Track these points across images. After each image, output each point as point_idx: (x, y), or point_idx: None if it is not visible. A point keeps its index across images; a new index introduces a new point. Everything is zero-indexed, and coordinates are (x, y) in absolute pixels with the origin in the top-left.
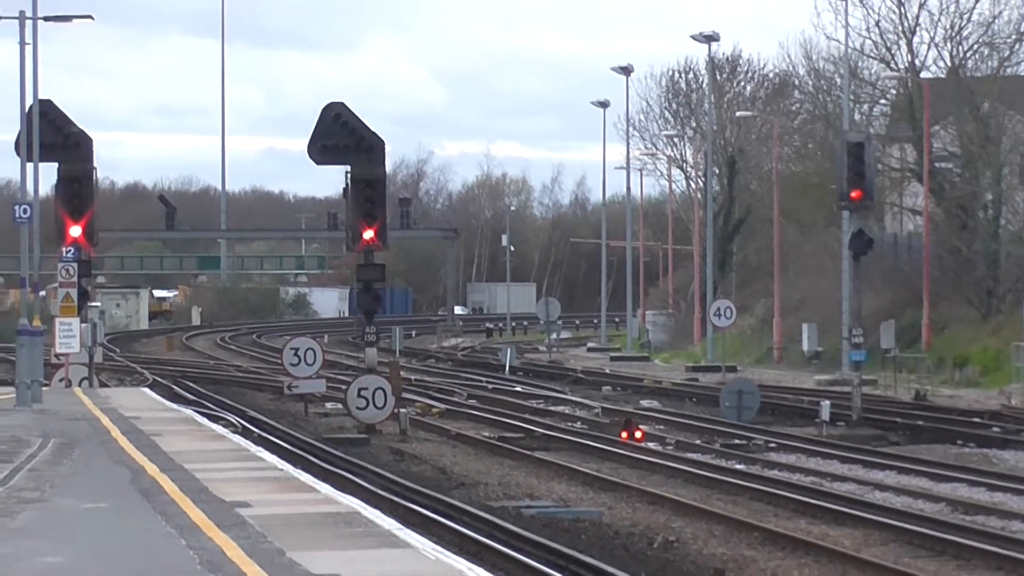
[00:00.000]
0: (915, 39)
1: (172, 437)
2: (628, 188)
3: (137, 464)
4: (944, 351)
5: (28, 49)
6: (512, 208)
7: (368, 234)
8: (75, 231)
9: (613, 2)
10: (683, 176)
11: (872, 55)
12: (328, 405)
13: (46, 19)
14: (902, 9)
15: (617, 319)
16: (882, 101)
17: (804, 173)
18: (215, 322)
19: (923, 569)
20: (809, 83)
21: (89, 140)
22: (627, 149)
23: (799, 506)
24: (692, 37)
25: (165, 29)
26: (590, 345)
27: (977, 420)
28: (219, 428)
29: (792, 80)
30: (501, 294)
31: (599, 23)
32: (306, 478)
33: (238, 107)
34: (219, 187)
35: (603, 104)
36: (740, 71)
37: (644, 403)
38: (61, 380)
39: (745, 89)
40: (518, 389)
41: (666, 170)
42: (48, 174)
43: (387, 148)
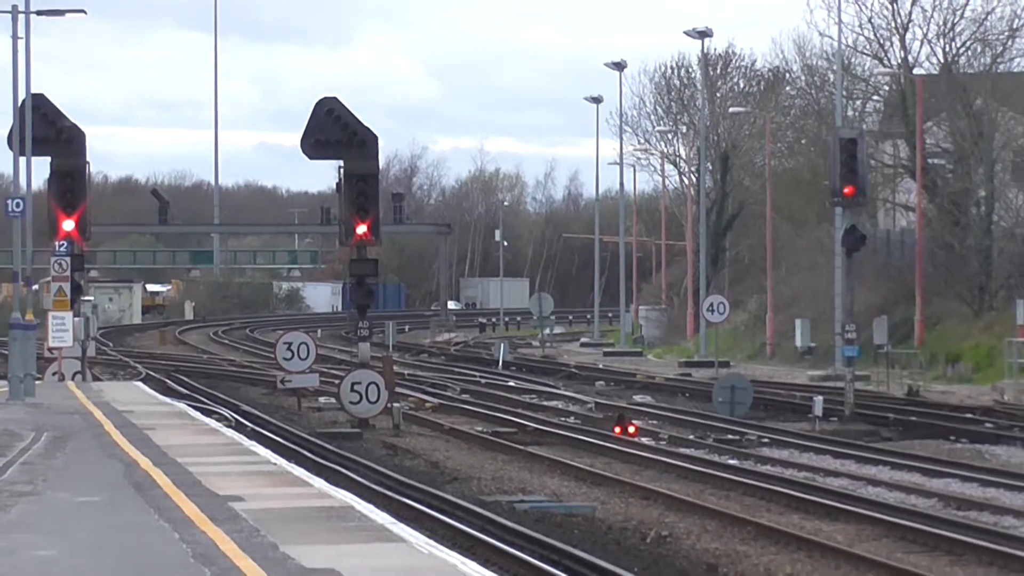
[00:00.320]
0: (908, 35)
1: (165, 431)
2: (621, 184)
3: (130, 458)
4: (937, 347)
5: (21, 43)
6: (505, 203)
7: (361, 229)
8: (68, 225)
9: None
10: (676, 172)
11: (865, 51)
12: (321, 399)
13: (39, 13)
14: (895, 5)
15: (610, 314)
16: (875, 97)
17: (797, 169)
18: (208, 316)
19: (916, 564)
20: (802, 79)
21: (82, 134)
22: (620, 145)
23: (792, 501)
24: (685, 33)
25: (159, 23)
26: (583, 340)
27: (970, 416)
28: (212, 422)
29: (785, 76)
30: (494, 289)
31: (593, 19)
32: (299, 472)
33: (232, 101)
34: (212, 181)
35: (596, 100)
36: (733, 67)
37: (637, 398)
38: (54, 374)
39: (738, 84)
40: (511, 384)
41: (659, 166)
42: (41, 168)
43: (380, 143)
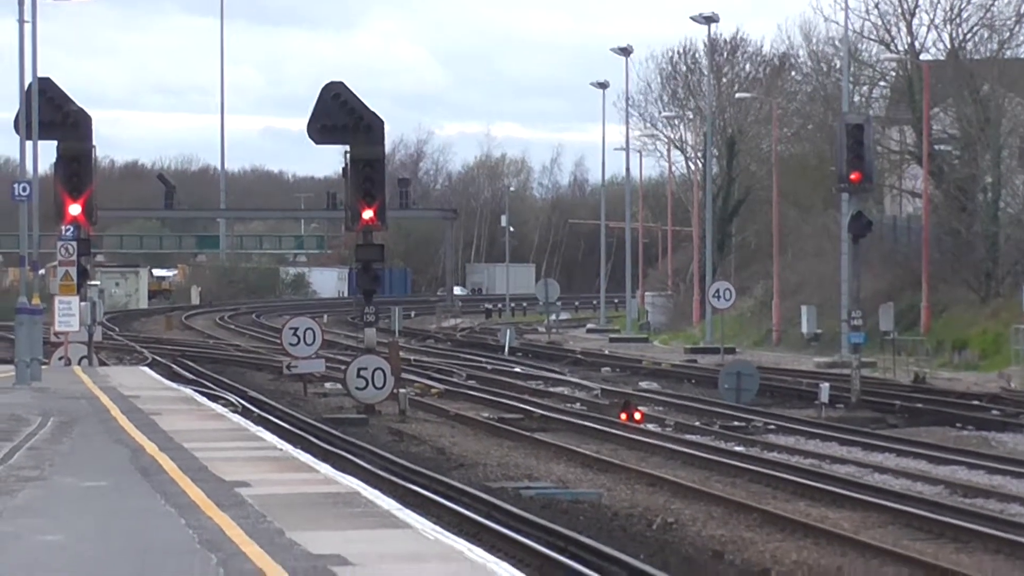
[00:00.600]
0: (915, 21)
1: (171, 416)
2: (627, 169)
3: (136, 443)
4: (943, 334)
5: (27, 27)
6: (511, 189)
7: (367, 214)
8: (74, 209)
9: None
10: (682, 157)
11: (872, 37)
12: (327, 385)
13: None
14: None
15: (616, 300)
16: (881, 83)
17: (803, 155)
18: (214, 301)
19: (922, 551)
20: (808, 65)
21: (88, 118)
22: (627, 130)
23: (798, 488)
24: (692, 18)
25: (165, 7)
26: (589, 326)
27: (976, 403)
28: (218, 407)
29: (791, 60)
30: (500, 275)
31: (600, 4)
32: (305, 458)
33: (238, 86)
34: (218, 166)
35: (603, 85)
36: (739, 52)
37: (643, 384)
38: (60, 359)
39: (745, 70)
40: (517, 370)
41: (665, 151)
42: (47, 152)
43: (386, 128)
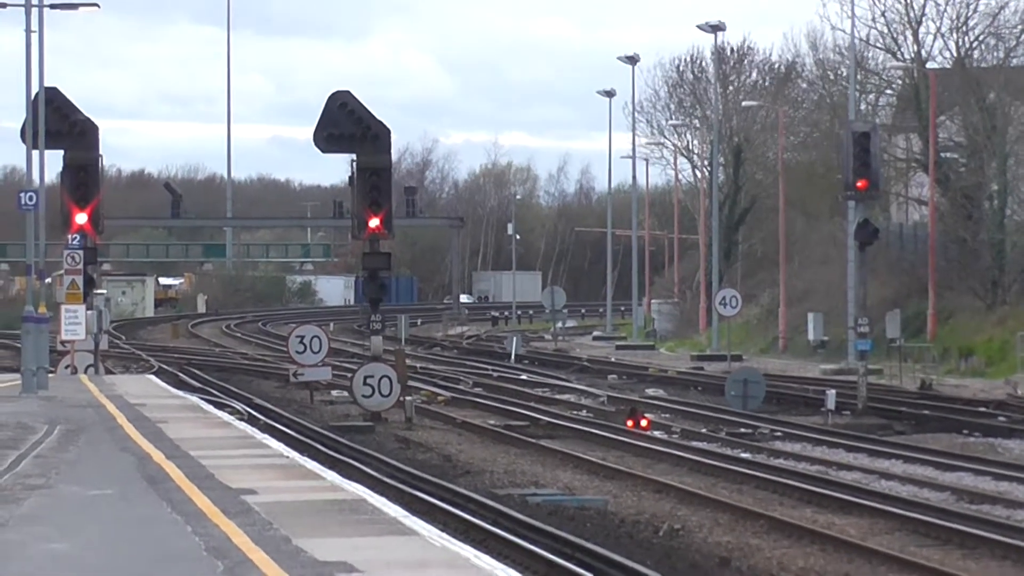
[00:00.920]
0: (921, 29)
1: (178, 424)
2: (634, 177)
3: (143, 451)
4: (949, 341)
5: (34, 37)
6: (518, 197)
7: (374, 222)
8: (81, 218)
9: None
10: (689, 165)
11: (878, 45)
12: (334, 393)
13: (52, 7)
14: None
15: (622, 308)
16: (888, 91)
17: (810, 163)
18: (221, 310)
19: (928, 558)
20: (815, 73)
21: (95, 128)
22: (633, 138)
23: (804, 495)
24: (698, 27)
25: (173, 17)
26: (595, 334)
27: (982, 409)
28: (225, 415)
29: (798, 69)
30: (507, 283)
31: (607, 13)
32: (312, 465)
33: (245, 95)
34: (225, 175)
35: (609, 93)
36: (746, 60)
37: (649, 391)
38: (67, 367)
39: (751, 77)
40: (523, 377)
41: (672, 159)
42: (54, 161)
43: (393, 136)
